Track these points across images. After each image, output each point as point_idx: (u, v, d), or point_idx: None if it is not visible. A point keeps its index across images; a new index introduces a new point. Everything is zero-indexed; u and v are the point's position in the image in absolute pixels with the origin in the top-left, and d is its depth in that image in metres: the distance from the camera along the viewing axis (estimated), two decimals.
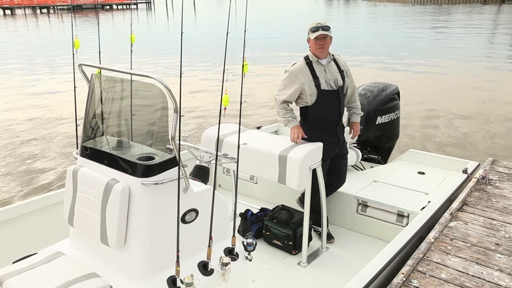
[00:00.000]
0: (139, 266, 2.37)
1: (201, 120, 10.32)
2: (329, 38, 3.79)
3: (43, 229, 3.77)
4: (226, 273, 2.49)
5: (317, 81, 3.82)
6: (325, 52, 3.84)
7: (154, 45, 24.71)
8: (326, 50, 3.84)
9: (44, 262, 2.46)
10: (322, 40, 3.77)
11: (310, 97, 3.85)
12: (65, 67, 18.24)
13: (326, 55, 3.88)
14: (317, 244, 4.16)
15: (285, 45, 24.32)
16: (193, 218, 2.55)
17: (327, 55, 3.90)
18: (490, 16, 41.91)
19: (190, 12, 61.10)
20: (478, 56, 19.18)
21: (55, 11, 67.78)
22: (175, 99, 2.18)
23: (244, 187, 5.18)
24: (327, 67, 3.89)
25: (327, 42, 3.80)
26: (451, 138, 9.06)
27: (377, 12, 53.14)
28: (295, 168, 3.55)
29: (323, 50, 3.81)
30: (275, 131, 6.11)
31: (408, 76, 14.59)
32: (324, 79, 3.84)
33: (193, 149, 3.23)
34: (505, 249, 3.38)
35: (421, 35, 27.55)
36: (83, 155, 2.61)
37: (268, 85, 14.07)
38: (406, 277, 3.02)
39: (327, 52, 3.87)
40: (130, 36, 3.15)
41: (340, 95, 3.92)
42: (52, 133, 9.73)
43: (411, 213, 4.09)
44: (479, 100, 11.80)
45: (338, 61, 4.00)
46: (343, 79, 3.95)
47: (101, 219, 2.37)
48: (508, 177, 4.72)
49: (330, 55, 3.94)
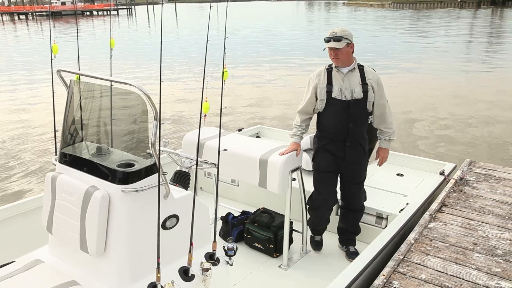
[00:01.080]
0: (119, 273, 2.35)
1: (181, 126, 10.30)
2: (345, 48, 3.53)
3: (20, 236, 3.70)
4: (207, 278, 2.49)
5: (330, 87, 3.62)
6: (341, 63, 3.59)
7: (134, 52, 24.57)
8: (342, 61, 3.58)
9: (22, 270, 2.42)
10: (335, 51, 3.55)
11: (321, 103, 3.67)
12: (44, 73, 18.03)
13: (347, 64, 3.61)
14: (298, 247, 4.18)
15: (267, 50, 24.42)
16: (174, 224, 2.55)
17: (350, 63, 3.62)
18: (467, 21, 42.66)
19: (172, 18, 60.95)
20: (455, 59, 19.51)
21: (34, 17, 66.95)
22: (155, 106, 2.18)
23: (225, 190, 5.18)
24: (346, 76, 3.61)
25: (341, 52, 3.54)
26: (430, 140, 9.19)
27: (358, 16, 53.68)
28: (275, 172, 3.57)
29: (338, 61, 3.58)
30: (256, 133, 6.14)
31: (387, 79, 14.78)
32: (338, 87, 3.61)
33: (173, 154, 3.23)
34: (483, 248, 3.45)
35: (400, 39, 27.92)
36: (62, 161, 2.58)
37: (249, 89, 14.11)
38: (387, 278, 3.05)
39: (346, 61, 3.60)
40: (110, 40, 3.13)
41: (352, 108, 3.60)
42: (29, 139, 9.60)
43: (390, 215, 4.14)
44: (456, 103, 12.00)
45: (366, 73, 3.65)
46: (364, 92, 3.60)
47: (80, 226, 2.35)
48: (485, 177, 4.81)
49: (355, 64, 3.64)
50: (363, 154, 3.80)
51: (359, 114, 3.65)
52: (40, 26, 46.29)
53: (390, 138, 3.85)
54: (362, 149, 3.78)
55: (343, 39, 3.51)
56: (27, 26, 46.56)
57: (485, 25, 37.61)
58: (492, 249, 3.43)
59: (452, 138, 9.27)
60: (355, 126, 3.65)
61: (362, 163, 3.84)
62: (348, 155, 3.73)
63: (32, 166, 8.04)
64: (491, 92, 13.20)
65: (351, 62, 3.63)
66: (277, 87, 14.61)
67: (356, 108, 3.61)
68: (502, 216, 3.95)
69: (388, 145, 3.91)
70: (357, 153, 3.76)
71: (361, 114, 3.66)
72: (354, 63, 3.64)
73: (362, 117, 3.69)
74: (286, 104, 12.08)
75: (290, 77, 16.21)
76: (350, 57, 3.61)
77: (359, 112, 3.64)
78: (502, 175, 4.86)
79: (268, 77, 16.32)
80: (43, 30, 41.53)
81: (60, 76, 2.68)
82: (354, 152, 3.74)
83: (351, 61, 3.63)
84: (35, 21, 55.99)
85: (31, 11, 69.41)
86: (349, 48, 3.57)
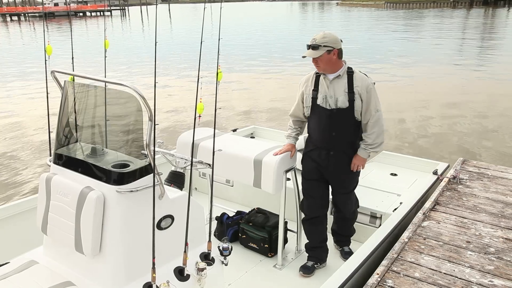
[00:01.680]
0: (114, 273, 2.36)
1: (176, 127, 10.29)
2: (325, 55, 3.36)
3: (15, 237, 3.69)
4: (202, 278, 2.50)
5: (315, 94, 3.49)
6: (322, 70, 3.45)
7: (128, 53, 24.52)
8: (324, 69, 3.43)
9: (17, 271, 2.42)
10: (315, 59, 3.40)
11: (307, 110, 3.58)
12: (37, 74, 17.96)
13: (331, 71, 3.44)
14: (293, 246, 4.19)
15: (261, 51, 24.43)
16: (169, 224, 2.55)
17: (335, 70, 3.44)
18: (460, 20, 42.87)
19: (165, 19, 60.86)
20: (448, 58, 19.60)
21: (27, 18, 66.59)
22: (149, 107, 2.18)
23: (220, 190, 5.19)
24: (332, 83, 3.44)
25: (320, 61, 3.39)
26: (423, 139, 9.24)
27: (351, 16, 53.82)
28: (270, 172, 3.58)
29: (319, 68, 3.44)
30: (251, 134, 6.15)
31: (381, 79, 14.83)
32: (323, 94, 3.46)
33: (168, 155, 3.23)
34: (476, 246, 3.48)
35: (394, 39, 28.01)
36: (56, 162, 2.58)
37: (242, 92, 14.11)
38: (381, 277, 3.07)
39: (329, 69, 3.44)
40: (104, 41, 3.13)
41: (334, 117, 3.44)
42: (23, 140, 9.56)
43: (384, 215, 4.17)
44: (450, 103, 12.06)
45: (354, 80, 3.41)
46: (350, 101, 3.40)
47: (75, 227, 2.35)
48: (477, 176, 4.84)
49: (343, 70, 3.44)
50: (349, 164, 3.59)
51: (344, 124, 3.47)
52: (33, 27, 46.06)
53: (366, 149, 3.53)
54: (347, 159, 3.57)
55: (320, 47, 3.34)
56: (19, 27, 46.34)
57: (478, 24, 37.81)
58: (485, 247, 3.46)
59: (445, 137, 9.33)
60: (338, 136, 3.49)
61: (348, 173, 3.63)
62: (331, 164, 3.58)
63: (26, 168, 8.01)
64: (484, 90, 13.29)
65: (336, 68, 3.44)
66: (275, 85, 14.64)
67: (340, 118, 3.44)
68: (494, 214, 3.98)
69: (364, 155, 3.55)
70: (342, 162, 3.58)
71: (346, 124, 3.47)
72: (341, 69, 3.44)
73: (348, 126, 3.49)
74: (279, 101, 12.12)
75: (286, 76, 16.25)
76: (333, 64, 3.41)
77: (344, 122, 3.46)
78: (495, 174, 4.90)
79: (263, 77, 16.34)
80: (36, 31, 41.33)
81: (54, 77, 2.68)
82: (337, 161, 3.58)
83: (336, 67, 3.44)
84: (28, 22, 55.69)
85: (24, 12, 69.03)
86: (331, 55, 3.36)
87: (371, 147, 3.51)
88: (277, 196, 3.80)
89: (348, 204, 3.84)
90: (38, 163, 8.22)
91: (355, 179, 3.75)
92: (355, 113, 3.45)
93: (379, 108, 3.47)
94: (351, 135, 3.53)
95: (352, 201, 3.87)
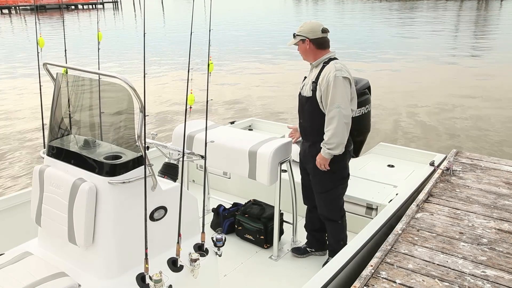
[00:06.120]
0: (107, 264, 2.36)
1: (169, 119, 10.27)
2: (300, 44, 3.48)
3: (10, 229, 3.70)
4: (195, 269, 2.50)
5: (303, 81, 3.62)
6: (306, 58, 3.55)
7: (121, 45, 24.38)
8: (302, 56, 3.55)
9: (12, 262, 2.42)
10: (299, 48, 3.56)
11: None
12: (29, 67, 17.83)
13: (310, 60, 3.54)
14: (289, 238, 4.20)
15: (253, 43, 24.37)
16: (162, 215, 2.55)
17: (313, 59, 3.51)
18: (453, 13, 42.95)
19: (158, 11, 60.51)
20: (442, 51, 19.63)
21: (17, 11, 66.00)
22: (140, 98, 2.19)
23: (217, 182, 5.19)
24: (311, 72, 3.55)
25: (299, 49, 3.53)
26: (420, 131, 9.28)
27: (345, 9, 53.76)
28: (264, 163, 3.58)
29: (303, 56, 3.56)
30: (249, 126, 6.15)
31: (377, 70, 14.84)
32: (303, 83, 3.57)
33: (161, 147, 3.23)
34: (468, 237, 3.50)
35: (389, 31, 28.02)
36: (50, 154, 2.58)
37: (234, 86, 14.08)
38: (375, 269, 3.08)
39: (307, 58, 3.54)
40: (97, 33, 3.12)
41: (302, 105, 3.55)
42: (16, 132, 9.51)
43: (379, 206, 4.18)
44: (446, 94, 12.11)
45: (323, 70, 3.41)
46: (313, 91, 3.42)
47: (68, 218, 2.35)
48: (471, 167, 4.87)
49: (321, 60, 3.47)
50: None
51: (310, 113, 3.46)
52: (24, 20, 45.68)
53: (323, 147, 3.38)
54: (316, 152, 3.46)
55: (296, 37, 3.49)
56: (10, 20, 45.93)
57: (471, 16, 37.89)
58: (477, 238, 3.48)
59: (441, 129, 9.37)
60: (305, 124, 3.55)
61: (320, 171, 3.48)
62: (307, 155, 3.58)
63: (20, 161, 7.97)
64: (477, 82, 13.34)
65: (313, 58, 3.49)
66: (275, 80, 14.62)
67: (307, 106, 3.48)
68: (487, 205, 4.01)
69: (324, 153, 3.37)
70: (311, 155, 3.52)
71: (313, 113, 3.45)
72: (320, 59, 3.46)
73: (314, 116, 3.44)
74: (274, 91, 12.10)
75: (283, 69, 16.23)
76: (309, 53, 3.48)
77: (309, 111, 3.46)
78: (488, 165, 4.93)
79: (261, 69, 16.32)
80: (27, 24, 40.99)
81: (47, 69, 2.66)
82: (308, 152, 3.55)
83: (313, 57, 3.49)
84: (19, 15, 55.17)
85: (14, 5, 68.28)
86: (305, 44, 3.45)
87: (327, 147, 3.33)
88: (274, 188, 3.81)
89: (321, 206, 3.64)
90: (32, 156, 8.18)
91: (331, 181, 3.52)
92: (320, 105, 3.41)
93: (340, 105, 3.27)
94: (321, 127, 3.39)
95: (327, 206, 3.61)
